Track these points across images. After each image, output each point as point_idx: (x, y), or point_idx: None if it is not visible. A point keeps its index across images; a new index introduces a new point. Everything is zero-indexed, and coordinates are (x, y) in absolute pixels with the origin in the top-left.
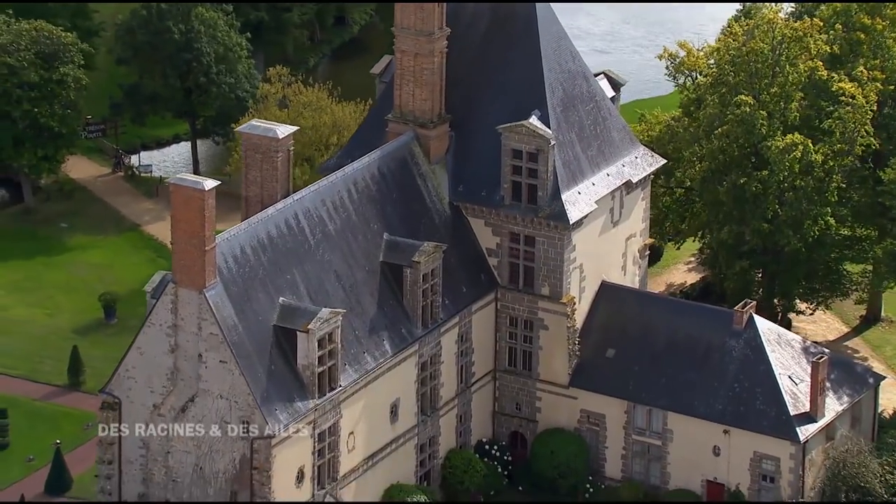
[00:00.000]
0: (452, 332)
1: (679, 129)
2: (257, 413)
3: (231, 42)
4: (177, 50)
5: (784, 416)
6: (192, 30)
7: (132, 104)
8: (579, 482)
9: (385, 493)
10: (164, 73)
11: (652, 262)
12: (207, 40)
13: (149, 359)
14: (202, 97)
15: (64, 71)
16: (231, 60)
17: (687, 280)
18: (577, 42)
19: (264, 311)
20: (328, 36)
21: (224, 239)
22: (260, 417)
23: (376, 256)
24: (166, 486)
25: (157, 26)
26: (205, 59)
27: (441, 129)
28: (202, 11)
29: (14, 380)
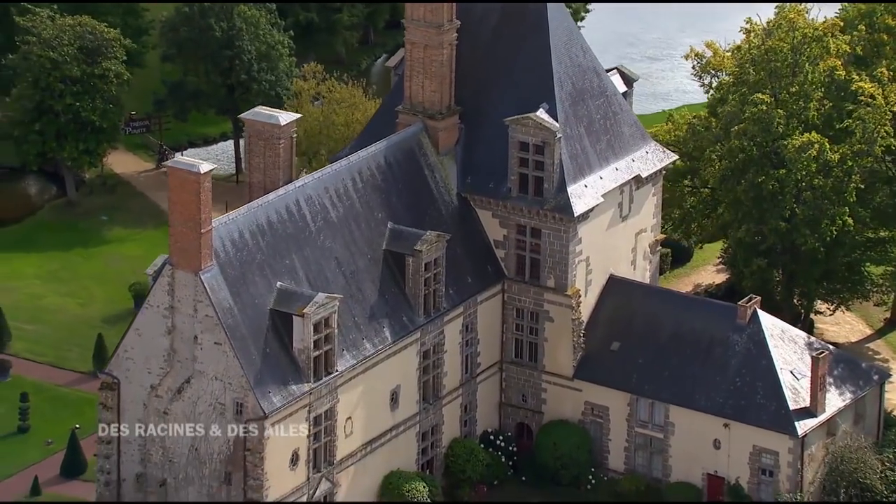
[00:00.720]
0: (457, 321)
1: (701, 128)
2: (250, 395)
3: (273, 40)
4: (218, 47)
5: (784, 410)
6: (234, 27)
7: (175, 100)
8: (581, 473)
9: (384, 480)
10: (206, 70)
11: (681, 262)
12: (249, 38)
13: (147, 340)
14: (245, 94)
15: (106, 66)
16: (273, 58)
17: (715, 281)
18: (629, 49)
19: (261, 295)
20: (382, 38)
21: (222, 223)
22: (253, 399)
23: (379, 245)
24: (163, 467)
25: (199, 24)
26: (245, 57)
27: (450, 120)
28: (244, 9)
29: (41, 366)
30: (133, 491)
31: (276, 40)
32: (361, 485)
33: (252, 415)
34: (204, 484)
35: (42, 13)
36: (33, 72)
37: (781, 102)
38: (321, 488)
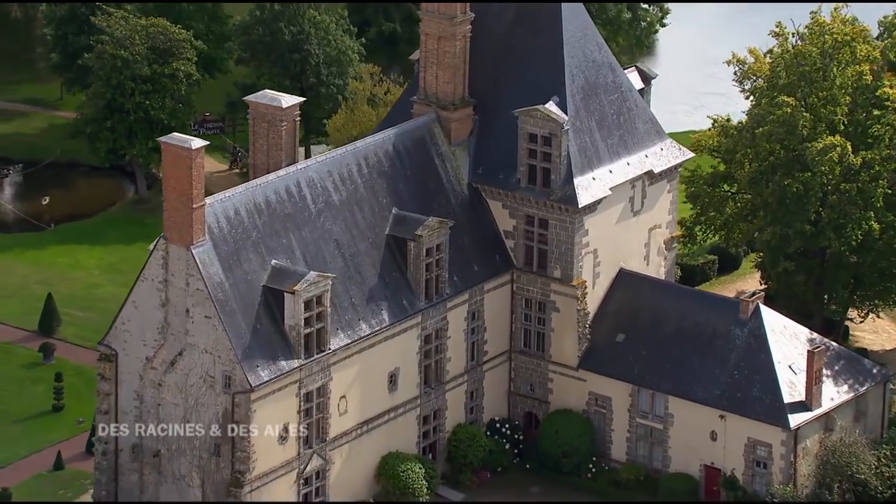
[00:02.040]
0: (461, 308)
1: (733, 130)
2: (238, 368)
3: (343, 45)
4: (287, 50)
5: (778, 403)
6: (303, 31)
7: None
8: (582, 462)
9: (382, 461)
10: (276, 73)
11: (728, 270)
12: (318, 42)
13: (143, 312)
14: (315, 98)
15: (176, 66)
16: (342, 63)
17: (756, 287)
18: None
19: (254, 272)
20: None
21: (217, 200)
22: (240, 372)
23: (382, 229)
24: (158, 438)
25: (270, 27)
26: (313, 60)
27: (463, 112)
28: (314, 14)
29: (86, 350)
30: (129, 461)
31: (347, 46)
32: (357, 464)
33: (239, 387)
34: (195, 455)
35: (116, 14)
36: (105, 70)
37: (809, 106)
38: (312, 464)
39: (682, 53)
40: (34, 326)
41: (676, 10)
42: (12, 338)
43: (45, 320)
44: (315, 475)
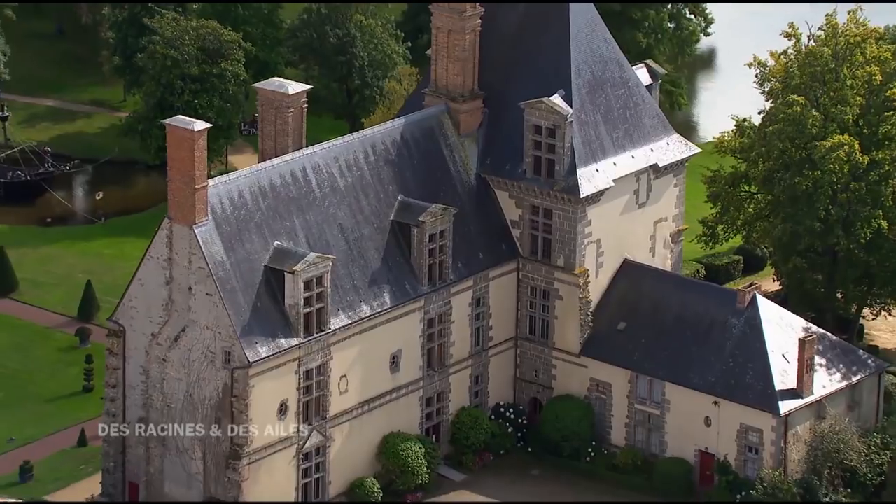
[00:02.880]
0: (465, 294)
1: (750, 130)
2: (237, 344)
3: (389, 49)
4: (333, 53)
5: (770, 390)
6: (349, 35)
7: None
8: (582, 446)
9: (383, 440)
10: (323, 75)
11: (753, 269)
12: (363, 46)
13: (148, 290)
14: (361, 101)
15: (224, 66)
16: (386, 66)
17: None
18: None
19: (257, 252)
20: None
21: (221, 182)
22: (239, 348)
23: (387, 215)
24: (162, 412)
25: (317, 30)
26: (357, 63)
27: (473, 104)
28: (360, 18)
29: None
30: (135, 434)
31: (392, 49)
32: (358, 442)
33: (238, 363)
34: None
35: (168, 15)
36: (156, 69)
37: (820, 106)
38: (312, 440)
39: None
40: (74, 313)
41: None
42: (52, 323)
43: (84, 307)
44: (315, 451)
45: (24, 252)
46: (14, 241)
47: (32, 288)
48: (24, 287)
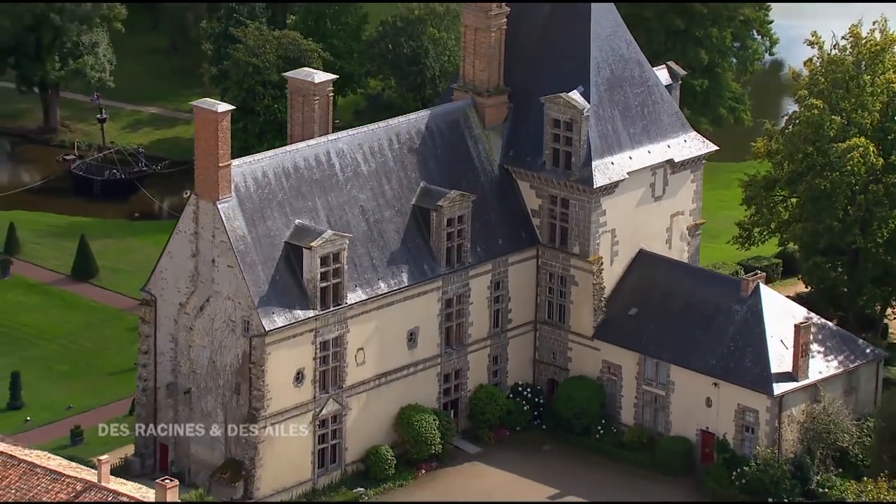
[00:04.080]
0: (484, 277)
1: (778, 135)
2: (254, 313)
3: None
4: (406, 63)
5: (766, 373)
6: (422, 46)
7: (372, 112)
8: (592, 424)
9: (400, 411)
10: (398, 84)
11: (794, 273)
12: (435, 57)
13: (177, 262)
14: None
15: None
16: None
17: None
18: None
19: (278, 229)
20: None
21: (246, 162)
22: (256, 317)
23: (409, 200)
24: (189, 377)
25: (393, 42)
26: (429, 73)
27: (498, 98)
28: (434, 31)
29: None
30: (164, 398)
31: None
32: (374, 412)
33: (255, 331)
34: (219, 394)
35: (252, 25)
36: (239, 75)
37: (841, 110)
38: (328, 408)
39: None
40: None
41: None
42: (125, 305)
43: None
44: (331, 418)
45: (108, 242)
46: (101, 232)
47: (111, 274)
48: (104, 273)
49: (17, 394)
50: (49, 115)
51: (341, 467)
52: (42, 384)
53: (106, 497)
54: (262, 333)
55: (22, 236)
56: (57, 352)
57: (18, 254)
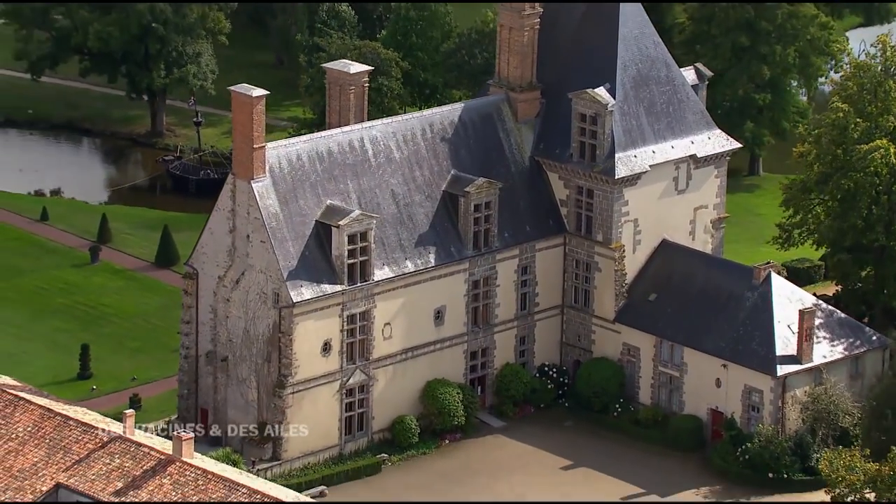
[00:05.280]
0: (511, 261)
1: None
2: (283, 286)
3: None
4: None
5: (771, 355)
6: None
7: None
8: (610, 402)
9: (426, 385)
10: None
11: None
12: None
13: (216, 238)
14: None
15: (381, 81)
16: None
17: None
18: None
19: (310, 208)
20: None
21: (281, 145)
22: (285, 290)
23: (439, 186)
24: (226, 346)
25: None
26: None
27: (530, 94)
28: None
29: None
30: (203, 365)
31: None
32: (401, 384)
33: (284, 303)
34: (253, 361)
35: (334, 35)
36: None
37: (867, 114)
38: (355, 378)
39: None
40: None
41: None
42: None
43: None
44: (358, 388)
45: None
46: (188, 225)
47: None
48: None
49: (87, 364)
50: (156, 121)
51: (368, 435)
52: (112, 357)
53: (129, 447)
54: (290, 305)
55: (115, 227)
56: (130, 329)
57: (109, 243)
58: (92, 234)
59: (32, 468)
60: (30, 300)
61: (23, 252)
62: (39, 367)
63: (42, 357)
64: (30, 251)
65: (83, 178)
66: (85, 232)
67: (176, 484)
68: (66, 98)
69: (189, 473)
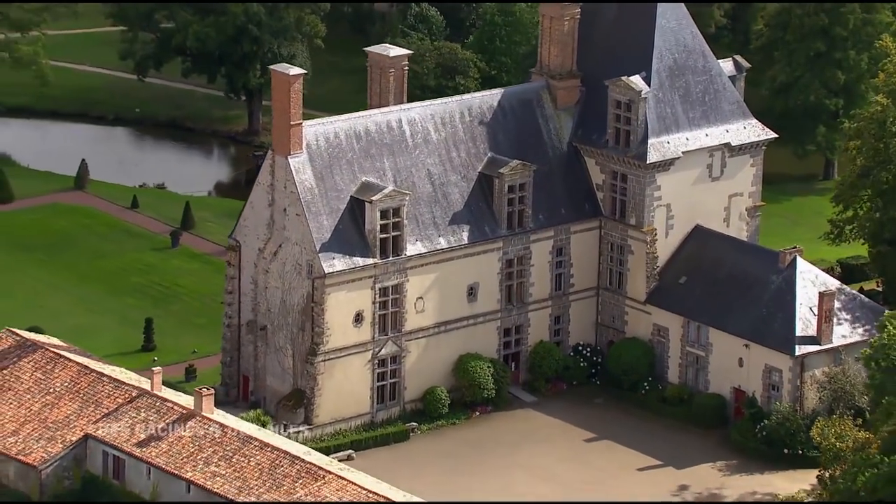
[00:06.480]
0: (546, 242)
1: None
2: (316, 258)
3: None
4: None
5: (790, 336)
6: None
7: None
8: (639, 381)
9: (458, 358)
10: None
11: None
12: None
13: (256, 211)
14: None
15: (458, 80)
16: None
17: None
18: None
19: (345, 184)
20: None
21: (319, 123)
22: (318, 261)
23: (475, 168)
24: (265, 315)
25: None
26: None
27: (570, 82)
28: None
29: None
30: (245, 334)
31: None
32: (433, 357)
33: (317, 274)
34: (289, 330)
35: (415, 36)
36: None
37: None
38: (387, 349)
39: None
40: None
41: None
42: None
43: None
44: (390, 359)
45: None
46: None
47: None
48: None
49: (150, 337)
50: (252, 119)
51: (400, 404)
52: (177, 332)
53: (154, 402)
54: (322, 275)
55: (199, 216)
56: (198, 307)
57: (191, 229)
58: (178, 221)
59: (65, 420)
60: (108, 279)
61: (110, 237)
62: (107, 340)
63: (111, 330)
64: (116, 236)
65: (181, 173)
66: (171, 219)
67: (195, 436)
68: (171, 98)
69: (207, 427)
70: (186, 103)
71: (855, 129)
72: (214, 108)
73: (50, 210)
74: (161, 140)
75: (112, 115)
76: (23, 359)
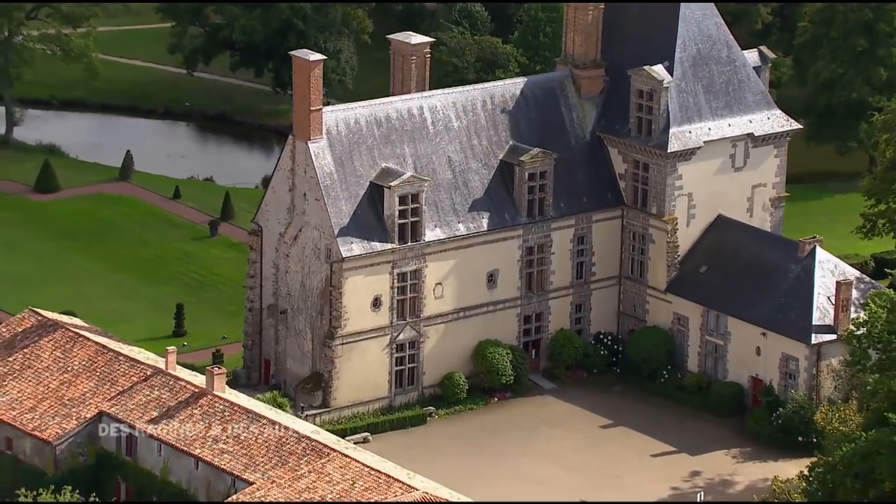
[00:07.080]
0: (567, 231)
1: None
2: (335, 242)
3: None
4: None
5: (807, 325)
6: None
7: None
8: (658, 369)
9: (477, 345)
10: None
11: None
12: None
13: (278, 196)
14: None
15: (498, 74)
16: None
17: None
18: None
19: (365, 169)
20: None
21: (340, 109)
22: (336, 246)
23: (496, 156)
24: (286, 299)
25: None
26: None
27: (594, 71)
28: None
29: None
30: (266, 318)
31: None
32: (452, 342)
33: (335, 258)
34: (308, 314)
35: (456, 30)
36: (440, 74)
37: None
38: (405, 334)
39: None
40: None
41: None
42: None
43: None
44: (409, 344)
45: None
46: None
47: None
48: None
49: (181, 323)
50: None
51: (419, 389)
52: (208, 319)
53: (168, 381)
54: (339, 259)
55: (239, 206)
56: (231, 295)
57: (231, 219)
58: (218, 212)
59: (81, 397)
60: (145, 267)
61: (151, 226)
62: (139, 325)
63: (144, 316)
64: (157, 225)
65: (229, 166)
66: (212, 210)
67: (205, 414)
68: (220, 92)
69: (218, 405)
70: (235, 97)
71: (883, 122)
72: (262, 103)
73: (94, 200)
74: (210, 133)
75: (162, 109)
76: (43, 338)
